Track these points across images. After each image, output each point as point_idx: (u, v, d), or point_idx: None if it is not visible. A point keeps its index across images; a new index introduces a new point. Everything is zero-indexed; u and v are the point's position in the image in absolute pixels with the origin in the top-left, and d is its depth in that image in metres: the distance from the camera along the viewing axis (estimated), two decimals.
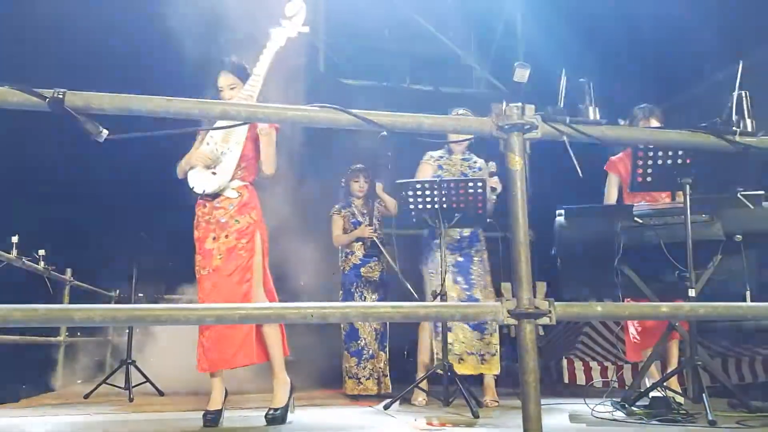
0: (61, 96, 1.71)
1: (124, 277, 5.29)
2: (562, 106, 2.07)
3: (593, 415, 3.04)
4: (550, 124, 2.00)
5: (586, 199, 3.65)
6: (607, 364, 6.37)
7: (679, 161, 3.01)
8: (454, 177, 4.07)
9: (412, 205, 3.72)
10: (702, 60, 7.31)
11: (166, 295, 7.37)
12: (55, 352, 5.84)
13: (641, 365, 3.47)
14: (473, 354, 3.96)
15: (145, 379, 4.71)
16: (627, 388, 3.38)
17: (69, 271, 5.92)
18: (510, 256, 1.91)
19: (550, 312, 1.84)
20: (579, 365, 6.46)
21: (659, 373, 3.65)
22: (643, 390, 3.28)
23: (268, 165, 3.12)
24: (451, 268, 4.04)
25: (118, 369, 4.67)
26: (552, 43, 7.61)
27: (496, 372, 4.00)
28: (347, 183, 4.72)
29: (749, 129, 2.19)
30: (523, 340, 1.83)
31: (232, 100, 3.06)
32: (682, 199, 3.03)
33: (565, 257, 3.39)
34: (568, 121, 2.01)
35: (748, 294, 3.04)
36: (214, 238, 3.03)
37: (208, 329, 2.97)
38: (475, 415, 3.19)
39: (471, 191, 3.64)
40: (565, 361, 6.54)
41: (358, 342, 4.54)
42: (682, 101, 7.58)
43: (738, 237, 3.07)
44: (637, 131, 2.56)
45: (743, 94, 2.23)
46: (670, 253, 3.02)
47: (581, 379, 6.34)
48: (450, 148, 4.22)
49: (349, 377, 4.52)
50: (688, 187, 3.00)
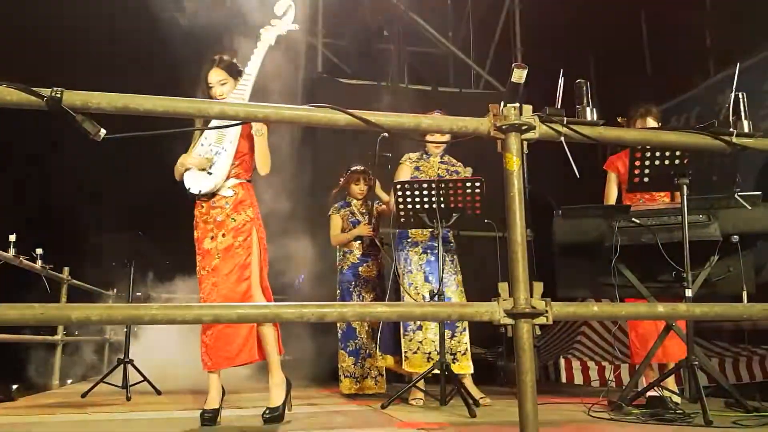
0: (59, 95, 1.71)
1: (122, 276, 5.29)
2: (559, 107, 2.08)
3: (590, 415, 3.05)
4: (548, 124, 2.01)
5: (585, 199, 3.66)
6: (604, 363, 6.38)
7: (676, 162, 3.01)
8: (431, 179, 4.08)
9: (409, 205, 3.72)
10: (701, 61, 7.32)
11: (164, 294, 7.38)
12: (52, 351, 5.84)
13: (638, 365, 3.47)
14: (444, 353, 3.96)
15: (142, 378, 4.70)
16: (624, 387, 3.39)
17: (66, 270, 5.92)
18: (507, 256, 1.91)
19: (547, 312, 1.85)
20: (577, 365, 6.47)
21: (656, 373, 3.66)
22: (640, 390, 3.29)
23: (262, 165, 3.11)
24: (423, 267, 4.08)
25: (115, 368, 4.66)
26: (550, 42, 7.62)
27: (468, 371, 3.99)
28: (347, 184, 4.72)
29: (746, 130, 2.19)
30: (520, 340, 1.83)
31: (226, 98, 3.07)
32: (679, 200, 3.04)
33: (562, 257, 3.40)
34: (565, 122, 2.02)
35: (745, 294, 3.05)
36: (212, 238, 3.04)
37: (210, 328, 2.97)
38: (473, 415, 3.19)
39: (469, 191, 3.65)
40: (562, 361, 6.55)
41: (356, 341, 4.55)
42: (680, 102, 7.60)
43: (735, 237, 3.08)
44: (635, 132, 2.57)
45: (740, 96, 2.23)
46: (667, 253, 3.03)
47: (579, 379, 6.36)
48: (427, 151, 4.25)
49: (346, 376, 4.53)
50: (685, 187, 3.01)
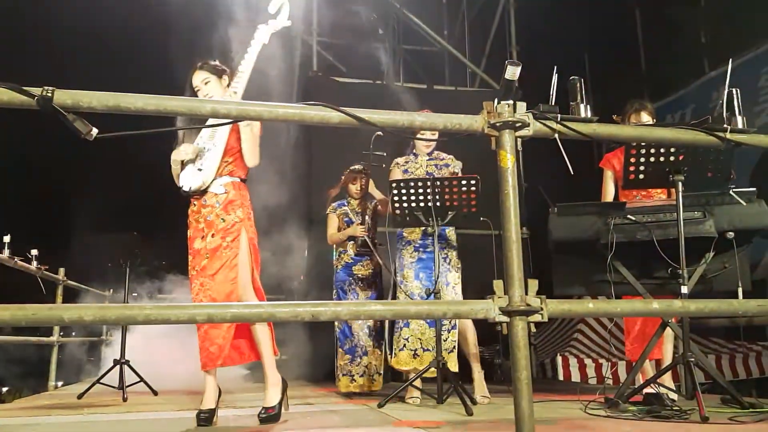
0: (50, 94, 1.69)
1: (117, 277, 5.27)
2: (553, 104, 2.07)
3: (587, 412, 3.05)
4: (542, 121, 2.00)
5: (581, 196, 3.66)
6: (601, 361, 6.40)
7: (671, 158, 3.01)
8: (426, 177, 4.09)
9: (405, 204, 3.72)
10: (696, 58, 7.34)
11: (159, 295, 7.36)
12: (48, 352, 5.82)
13: (635, 363, 3.47)
14: (429, 351, 3.96)
15: (139, 379, 4.69)
16: (621, 384, 3.39)
17: (62, 270, 5.90)
18: (502, 254, 1.91)
19: (542, 309, 1.84)
20: (574, 362, 6.49)
21: (653, 370, 3.66)
22: (636, 386, 3.29)
23: (249, 156, 3.08)
24: (415, 265, 4.07)
25: (111, 369, 4.65)
26: (545, 40, 7.63)
27: (453, 369, 3.97)
28: (345, 184, 4.72)
29: (740, 126, 2.19)
30: (515, 337, 1.83)
31: (214, 96, 3.07)
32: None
33: (558, 254, 3.40)
34: (559, 119, 2.01)
35: (740, 291, 3.06)
36: (202, 238, 3.02)
37: (200, 328, 2.97)
38: (469, 413, 3.19)
39: (464, 189, 3.64)
40: (559, 358, 6.56)
41: (352, 339, 4.55)
42: (675, 99, 7.61)
43: (730, 234, 3.09)
44: (629, 129, 2.56)
45: (734, 92, 2.23)
46: (663, 250, 3.03)
47: (576, 376, 6.37)
48: (416, 152, 4.27)
49: (343, 375, 4.53)
50: (680, 184, 3.01)
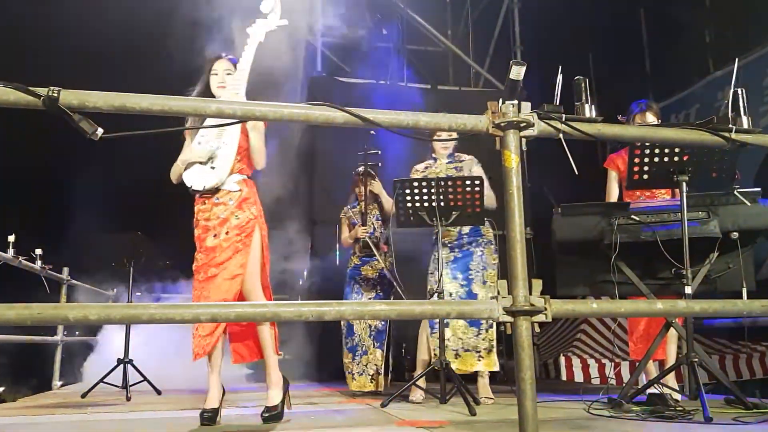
0: (56, 95, 1.70)
1: (122, 277, 5.28)
2: (558, 104, 2.07)
3: (590, 412, 3.04)
4: (546, 121, 2.00)
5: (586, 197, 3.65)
6: (604, 361, 6.39)
7: (675, 158, 3.01)
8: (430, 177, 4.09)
9: (409, 204, 3.72)
10: (700, 58, 7.32)
11: (163, 294, 7.37)
12: (52, 351, 5.84)
13: (638, 363, 3.47)
14: (470, 351, 3.96)
15: (142, 378, 4.71)
16: (624, 385, 3.39)
17: (66, 270, 5.92)
18: (506, 254, 1.91)
19: (546, 309, 1.84)
20: (577, 362, 6.48)
21: (656, 370, 3.65)
22: (640, 387, 3.28)
23: (258, 159, 3.11)
24: (450, 265, 4.06)
25: (115, 368, 4.66)
26: (549, 40, 7.62)
27: (495, 368, 4.00)
28: (352, 188, 4.80)
29: (745, 126, 2.19)
30: (519, 337, 1.83)
31: (228, 87, 3.08)
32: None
33: (561, 255, 3.40)
34: (563, 119, 2.01)
35: (745, 291, 3.05)
36: (214, 236, 3.01)
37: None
38: (472, 413, 3.19)
39: (468, 189, 3.64)
40: (563, 359, 6.56)
41: (353, 338, 4.57)
42: (680, 99, 7.59)
43: (734, 234, 3.08)
44: (633, 129, 2.56)
45: (739, 91, 2.22)
46: (667, 250, 3.03)
47: (579, 377, 6.36)
48: (434, 156, 4.26)
49: (349, 373, 4.56)
50: (684, 184, 3.01)
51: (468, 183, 3.64)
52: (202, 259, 3.03)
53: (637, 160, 3.08)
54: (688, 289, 2.97)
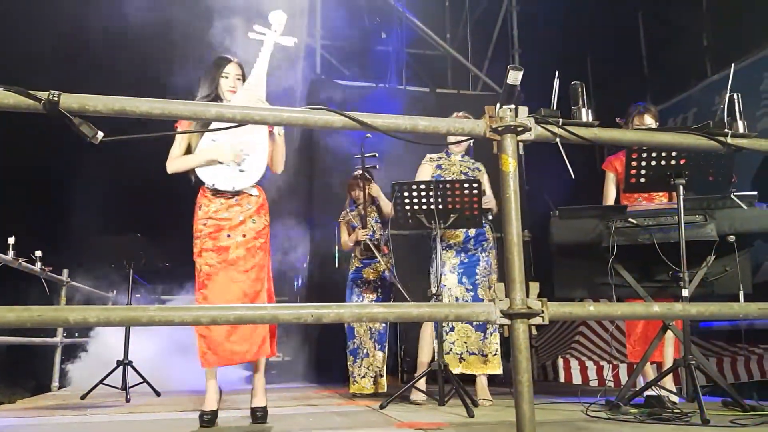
0: (56, 98, 1.72)
1: (121, 279, 5.29)
2: (555, 108, 2.09)
3: (588, 415, 3.06)
4: (544, 126, 2.02)
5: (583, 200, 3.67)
6: (603, 363, 6.40)
7: (672, 162, 3.03)
8: (454, 176, 4.12)
9: (407, 206, 3.73)
10: (698, 62, 7.35)
11: (162, 296, 7.38)
12: (52, 353, 5.84)
13: (636, 364, 3.48)
14: (475, 354, 3.98)
15: (142, 380, 4.71)
16: (622, 387, 3.40)
17: (66, 272, 5.93)
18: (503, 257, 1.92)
19: (543, 312, 1.85)
20: (575, 364, 6.49)
21: (654, 373, 3.67)
22: (637, 389, 3.30)
23: (279, 164, 3.18)
24: (457, 269, 4.07)
25: (114, 370, 4.67)
26: (547, 43, 7.64)
27: (498, 371, 4.01)
28: (348, 191, 4.81)
29: (741, 130, 2.20)
30: (516, 340, 1.84)
31: (239, 93, 3.10)
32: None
33: (559, 257, 3.41)
34: (560, 123, 2.03)
35: (742, 294, 3.06)
36: (228, 236, 3.02)
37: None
38: (471, 415, 3.20)
39: (467, 192, 3.66)
40: (561, 361, 6.56)
41: (354, 341, 4.58)
42: (677, 102, 7.61)
43: (731, 237, 3.10)
44: (630, 133, 2.57)
45: (735, 96, 2.24)
46: (664, 253, 3.04)
47: (577, 379, 6.37)
48: (448, 150, 4.26)
49: (351, 376, 4.58)
50: (681, 188, 3.02)
51: (466, 186, 3.66)
52: (214, 256, 3.00)
53: (634, 164, 3.10)
54: (685, 292, 2.98)
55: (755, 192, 3.20)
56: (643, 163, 3.08)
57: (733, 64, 2.56)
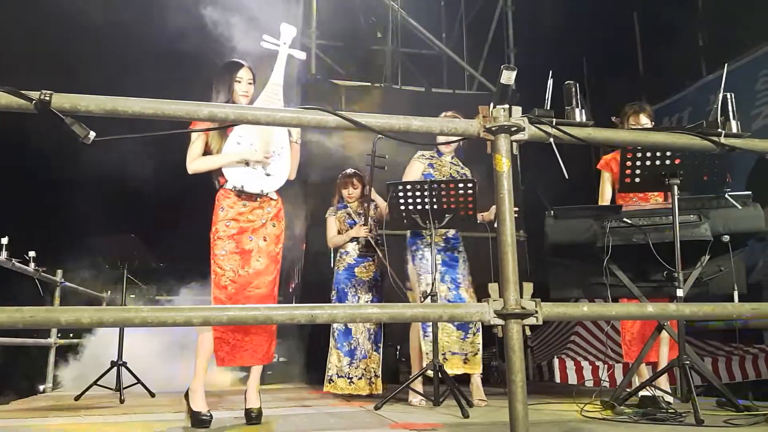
0: (47, 98, 1.70)
1: (115, 279, 5.28)
2: (549, 108, 2.08)
3: (582, 415, 3.06)
4: (537, 126, 2.01)
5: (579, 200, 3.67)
6: (598, 363, 6.41)
7: (667, 162, 3.03)
8: (444, 177, 4.10)
9: (402, 206, 3.73)
10: (693, 61, 7.37)
11: (157, 297, 7.36)
12: (45, 354, 5.82)
13: (631, 364, 3.49)
14: (457, 354, 3.97)
15: (136, 381, 4.70)
16: (617, 387, 3.40)
17: (59, 272, 5.90)
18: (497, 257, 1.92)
19: (537, 312, 1.85)
20: (570, 364, 6.50)
21: (649, 373, 3.67)
22: (632, 389, 3.30)
23: (293, 171, 3.23)
24: (440, 268, 4.06)
25: (108, 371, 4.65)
26: (543, 43, 7.65)
27: (479, 371, 4.01)
28: (339, 189, 4.75)
29: (734, 130, 2.21)
30: (510, 340, 1.84)
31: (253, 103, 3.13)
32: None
33: (554, 257, 3.41)
34: (554, 123, 2.02)
35: (736, 294, 3.07)
36: (251, 239, 3.06)
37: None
38: (465, 415, 3.20)
39: (461, 192, 3.66)
40: (556, 361, 6.57)
41: (351, 342, 4.54)
42: (672, 102, 7.63)
43: (725, 237, 3.10)
44: (624, 133, 2.58)
45: (728, 96, 2.24)
46: (659, 253, 3.04)
47: (573, 379, 6.38)
48: (440, 150, 4.25)
49: (340, 377, 4.51)
50: (676, 187, 3.02)
51: (461, 186, 3.66)
52: (239, 260, 3.01)
53: (628, 164, 3.10)
54: (680, 292, 2.99)
55: (749, 192, 3.20)
56: (638, 163, 3.08)
57: (726, 65, 2.56)
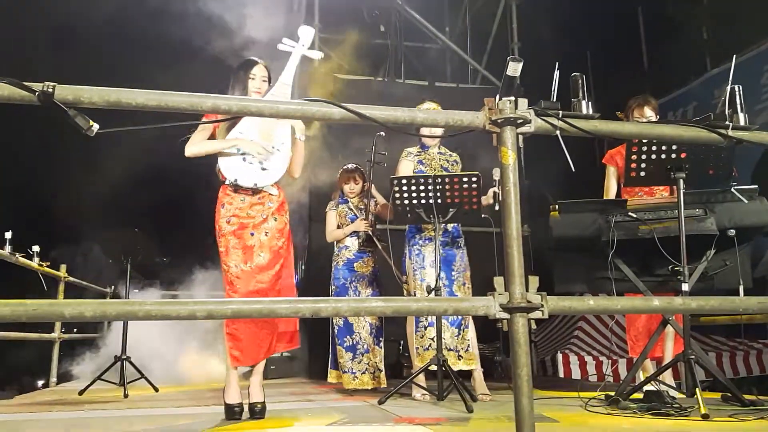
0: (50, 90, 1.69)
1: (119, 274, 5.28)
2: (555, 101, 2.06)
3: (587, 409, 3.05)
4: (543, 118, 1.99)
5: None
6: (602, 358, 6.40)
7: (672, 156, 3.01)
8: (435, 171, 4.09)
9: (406, 201, 3.72)
10: (698, 56, 7.33)
11: (161, 291, 7.37)
12: (49, 348, 5.83)
13: (635, 359, 3.48)
14: (451, 350, 3.97)
15: (140, 375, 4.70)
16: (621, 382, 3.39)
17: (63, 267, 5.91)
18: (502, 251, 1.91)
19: (543, 306, 1.84)
20: (574, 359, 6.49)
21: (654, 368, 3.66)
22: (637, 384, 3.29)
23: (297, 169, 3.27)
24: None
25: (112, 365, 4.66)
26: (547, 37, 7.62)
27: (476, 365, 4.00)
28: (340, 185, 4.75)
29: (742, 123, 2.18)
30: (516, 334, 1.82)
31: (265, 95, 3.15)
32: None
33: (559, 252, 3.40)
34: (560, 115, 2.00)
35: (741, 288, 3.05)
36: (252, 234, 3.05)
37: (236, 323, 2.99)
38: (470, 410, 3.19)
39: (466, 186, 3.64)
40: (560, 356, 6.57)
41: (353, 336, 4.54)
42: (677, 96, 7.60)
43: (731, 231, 3.08)
44: (630, 125, 2.55)
45: (736, 88, 2.22)
46: (664, 247, 3.03)
47: (576, 374, 6.37)
48: (424, 144, 4.24)
49: (344, 372, 4.52)
50: (681, 181, 3.01)
51: (465, 180, 3.65)
52: (241, 255, 3.02)
53: (634, 158, 3.08)
54: (685, 286, 2.97)
55: (755, 186, 3.19)
56: (643, 156, 3.06)
57: (734, 56, 2.54)
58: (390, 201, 3.82)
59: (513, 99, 1.91)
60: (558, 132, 1.99)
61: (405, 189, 3.69)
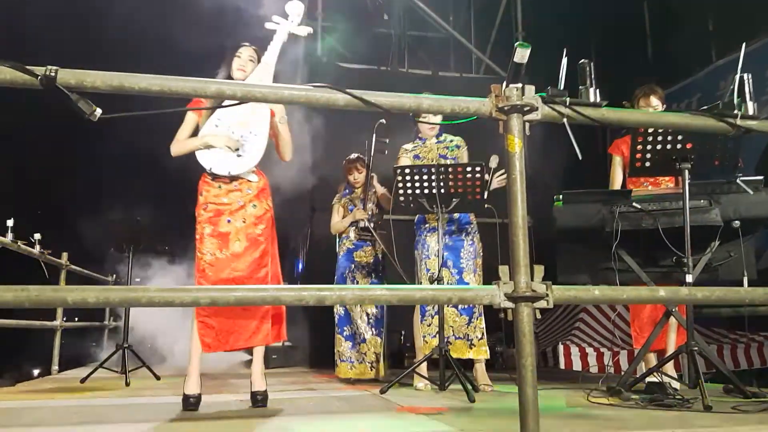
0: (53, 74, 1.67)
1: (121, 262, 5.27)
2: (562, 88, 2.04)
3: (589, 400, 3.04)
4: (551, 105, 1.97)
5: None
6: (603, 349, 6.40)
7: (678, 146, 2.99)
8: (432, 163, 4.06)
9: (410, 191, 3.70)
10: (703, 46, 7.28)
11: (162, 279, 7.36)
12: (51, 336, 5.83)
13: (637, 351, 3.47)
14: (461, 339, 3.97)
15: (141, 363, 4.71)
16: (623, 373, 3.38)
17: (65, 255, 5.90)
18: (507, 240, 1.89)
19: (548, 295, 1.82)
20: (575, 351, 6.49)
21: (656, 359, 3.65)
22: (639, 375, 3.28)
23: (286, 153, 3.23)
24: (443, 253, 4.04)
25: (114, 353, 4.66)
26: (551, 27, 7.56)
27: (485, 356, 4.00)
28: (345, 174, 4.75)
29: (751, 112, 2.16)
30: (520, 323, 1.81)
31: (251, 75, 3.12)
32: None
33: (563, 243, 3.38)
34: (568, 103, 1.98)
35: (746, 280, 3.04)
36: (228, 222, 3.02)
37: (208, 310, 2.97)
38: (471, 400, 3.19)
39: (469, 175, 3.62)
40: (561, 347, 6.56)
41: (351, 326, 4.55)
42: (682, 87, 7.56)
43: (736, 223, 3.06)
44: (638, 114, 2.53)
45: (745, 77, 2.20)
46: (669, 238, 3.01)
47: (577, 365, 6.37)
48: (421, 137, 4.22)
49: (342, 361, 4.53)
50: (686, 172, 2.99)
51: (469, 170, 3.62)
52: (216, 243, 3.00)
53: (639, 148, 3.06)
54: (689, 278, 2.96)
55: (761, 177, 3.16)
56: (649, 146, 3.04)
57: (743, 45, 2.51)
58: (393, 191, 3.81)
59: (520, 86, 1.90)
60: (565, 120, 1.97)
61: (408, 179, 3.67)
